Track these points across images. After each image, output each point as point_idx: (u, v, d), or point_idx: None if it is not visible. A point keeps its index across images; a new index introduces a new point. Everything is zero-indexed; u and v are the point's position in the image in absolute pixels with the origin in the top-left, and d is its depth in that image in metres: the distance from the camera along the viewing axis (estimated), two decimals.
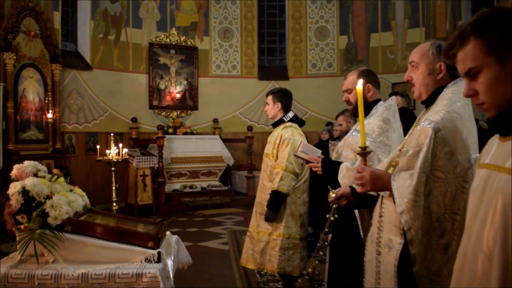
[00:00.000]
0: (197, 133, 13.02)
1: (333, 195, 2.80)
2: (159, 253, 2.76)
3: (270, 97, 4.74)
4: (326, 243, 2.67)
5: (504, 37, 1.46)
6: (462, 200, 2.18)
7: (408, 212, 2.19)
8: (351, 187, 2.85)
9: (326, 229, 2.71)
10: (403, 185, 2.23)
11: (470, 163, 2.24)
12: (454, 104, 2.33)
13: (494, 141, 1.58)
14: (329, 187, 2.91)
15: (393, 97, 3.55)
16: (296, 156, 3.64)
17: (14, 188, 2.71)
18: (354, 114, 3.44)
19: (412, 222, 2.19)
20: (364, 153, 2.24)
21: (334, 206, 2.78)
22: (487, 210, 1.45)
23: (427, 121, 2.31)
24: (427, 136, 2.24)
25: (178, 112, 13.38)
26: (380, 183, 2.33)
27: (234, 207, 11.66)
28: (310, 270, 2.66)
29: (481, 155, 1.64)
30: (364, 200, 2.73)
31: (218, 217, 10.35)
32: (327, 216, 2.76)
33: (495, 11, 1.51)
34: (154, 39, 13.10)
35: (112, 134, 8.43)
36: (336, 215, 2.74)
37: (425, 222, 2.21)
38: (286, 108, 4.71)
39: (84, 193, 3.18)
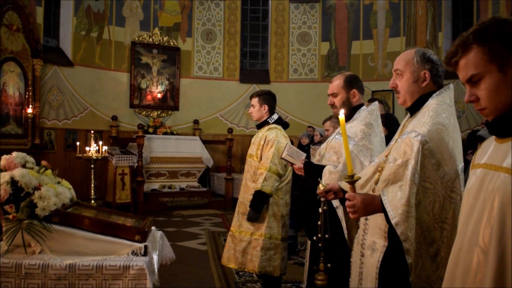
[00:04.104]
0: (177, 134, 13.01)
1: (322, 188, 2.82)
2: (145, 247, 2.79)
3: (255, 99, 4.76)
4: (326, 235, 2.72)
5: (505, 45, 1.54)
6: (450, 209, 2.25)
7: (403, 223, 2.22)
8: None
9: (319, 222, 2.76)
10: (395, 197, 2.27)
11: (457, 173, 2.31)
12: (439, 115, 2.38)
13: (491, 143, 1.65)
14: (319, 179, 2.95)
15: (376, 102, 3.60)
16: (282, 158, 3.70)
17: (2, 178, 2.72)
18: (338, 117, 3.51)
19: (407, 233, 2.23)
20: (352, 181, 2.24)
21: (323, 199, 2.82)
22: (483, 207, 1.52)
23: (413, 133, 2.36)
24: (415, 148, 2.29)
25: (159, 112, 13.37)
26: (371, 208, 2.35)
27: (212, 208, 11.68)
28: (321, 264, 2.72)
29: (475, 156, 1.70)
30: None
31: (196, 217, 10.36)
32: (319, 210, 2.81)
33: (495, 21, 1.58)
34: (136, 38, 13.08)
35: (92, 132, 8.42)
36: (325, 207, 2.78)
37: (415, 232, 2.25)
38: (271, 110, 4.76)
39: (71, 186, 3.20)
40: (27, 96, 10.09)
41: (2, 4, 9.38)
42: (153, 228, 3.30)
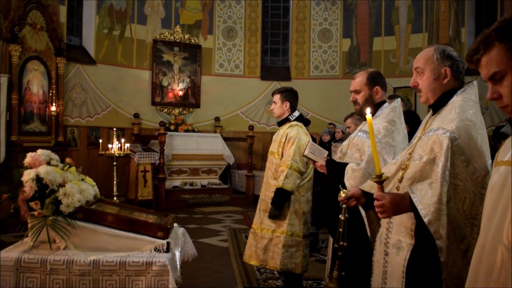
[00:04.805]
0: (199, 131, 13.07)
1: (343, 195, 2.79)
2: (168, 243, 2.81)
3: (277, 96, 4.76)
4: (344, 243, 2.69)
5: None
6: (480, 206, 2.20)
7: (436, 221, 2.20)
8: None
9: (340, 229, 2.73)
10: (425, 195, 2.24)
11: (487, 169, 2.27)
12: (466, 112, 2.35)
13: None
14: (340, 186, 2.93)
15: (399, 99, 3.56)
16: (304, 156, 3.69)
17: (28, 175, 2.77)
18: (360, 114, 3.49)
19: (440, 231, 2.20)
20: (380, 181, 2.21)
21: (344, 206, 2.79)
22: (507, 204, 1.48)
23: (441, 130, 2.33)
24: (444, 145, 2.26)
25: (180, 109, 13.44)
26: (401, 207, 2.32)
27: (233, 205, 11.70)
28: (335, 272, 2.70)
29: (498, 154, 1.67)
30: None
31: (217, 214, 10.39)
32: (340, 217, 2.77)
33: None
34: (158, 36, 13.16)
35: (114, 129, 8.49)
36: (346, 215, 2.75)
37: (446, 229, 2.23)
38: (293, 107, 4.75)
39: (94, 183, 3.23)
40: (50, 94, 10.22)
41: (26, 3, 9.52)
42: (175, 224, 3.32)
